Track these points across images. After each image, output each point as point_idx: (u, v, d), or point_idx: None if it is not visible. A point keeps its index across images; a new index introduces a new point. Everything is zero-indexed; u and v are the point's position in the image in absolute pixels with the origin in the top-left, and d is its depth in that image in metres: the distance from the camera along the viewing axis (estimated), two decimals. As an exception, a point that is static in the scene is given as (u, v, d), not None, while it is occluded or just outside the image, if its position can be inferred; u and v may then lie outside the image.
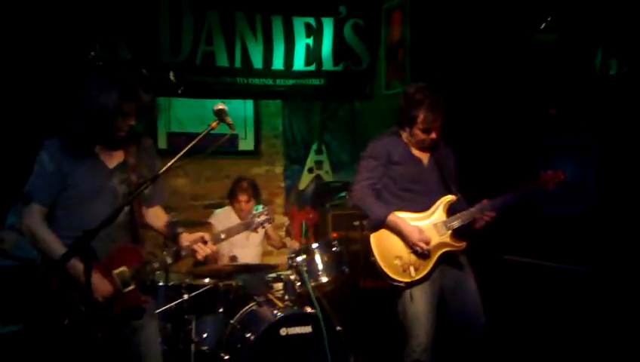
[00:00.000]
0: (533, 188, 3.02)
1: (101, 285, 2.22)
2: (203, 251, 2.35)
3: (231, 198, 4.20)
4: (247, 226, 2.52)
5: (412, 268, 2.85)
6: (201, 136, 2.21)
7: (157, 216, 2.51)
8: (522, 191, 2.96)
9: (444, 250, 2.91)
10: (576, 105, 3.56)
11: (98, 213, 2.12)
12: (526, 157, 3.79)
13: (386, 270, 2.87)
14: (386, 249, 2.90)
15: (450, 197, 2.95)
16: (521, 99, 3.83)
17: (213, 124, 2.25)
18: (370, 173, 2.98)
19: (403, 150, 2.99)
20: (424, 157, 3.02)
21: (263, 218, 2.52)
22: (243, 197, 4.10)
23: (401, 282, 2.86)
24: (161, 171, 2.21)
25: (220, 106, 2.27)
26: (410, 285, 2.87)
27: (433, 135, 2.92)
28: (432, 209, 2.95)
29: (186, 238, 2.39)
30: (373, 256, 2.90)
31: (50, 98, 3.85)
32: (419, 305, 2.86)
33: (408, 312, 2.88)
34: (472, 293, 2.96)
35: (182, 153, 2.17)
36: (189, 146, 2.18)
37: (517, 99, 3.85)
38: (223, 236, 2.46)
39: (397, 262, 2.88)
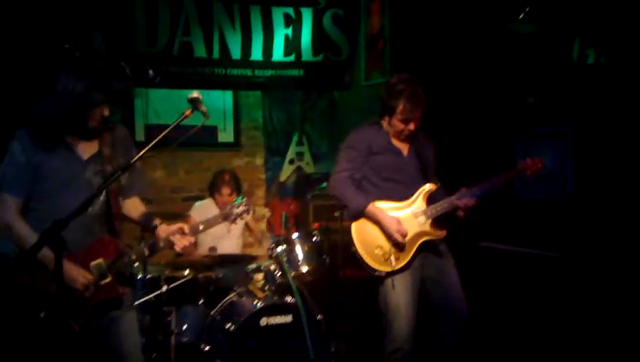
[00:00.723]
0: (511, 177, 3.05)
1: (76, 273, 2.18)
2: (181, 242, 2.32)
3: (212, 191, 4.16)
4: (226, 217, 2.50)
5: (392, 258, 2.85)
6: (174, 124, 2.17)
7: (134, 207, 2.47)
8: (501, 179, 2.98)
9: (424, 238, 2.92)
10: (554, 94, 3.59)
11: (72, 205, 2.06)
12: (505, 146, 3.81)
13: (366, 260, 2.88)
14: (366, 238, 2.91)
15: (429, 186, 2.96)
16: (500, 89, 3.86)
17: (187, 112, 2.22)
18: (349, 163, 2.98)
19: (383, 140, 3.00)
20: (404, 147, 3.02)
21: (241, 209, 2.50)
22: (225, 190, 4.06)
23: (382, 272, 2.87)
24: (134, 160, 2.16)
25: (194, 95, 2.24)
26: (391, 274, 2.87)
27: (412, 126, 2.93)
28: (412, 198, 2.96)
29: (164, 230, 2.36)
30: (354, 245, 2.91)
31: (23, 89, 3.76)
32: (400, 294, 2.87)
33: (389, 301, 2.88)
34: (454, 282, 2.98)
35: (154, 142, 2.13)
36: (162, 135, 2.14)
37: (496, 89, 3.88)
38: (201, 227, 2.43)
39: (377, 251, 2.88)
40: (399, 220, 2.87)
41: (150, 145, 2.15)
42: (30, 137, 2.22)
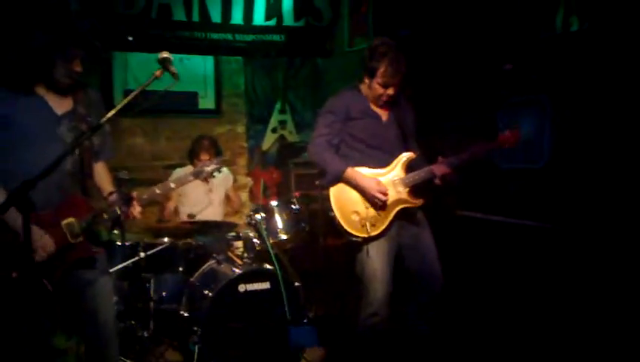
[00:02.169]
0: (490, 148, 3.05)
1: (43, 240, 2.15)
2: (131, 212, 2.31)
3: (191, 157, 4.11)
4: (197, 175, 2.49)
5: (369, 224, 2.85)
6: (144, 85, 2.13)
7: (99, 173, 2.45)
8: (479, 150, 2.98)
9: (401, 206, 2.92)
10: (536, 62, 3.56)
11: (44, 160, 2.01)
12: (486, 113, 3.80)
13: (344, 225, 2.88)
14: (344, 204, 2.90)
15: (408, 155, 2.95)
16: (483, 57, 3.82)
17: (157, 73, 2.19)
18: (327, 128, 2.95)
19: (362, 105, 2.97)
20: (383, 113, 3.00)
21: (212, 167, 2.49)
22: (204, 156, 4.01)
23: (358, 237, 2.87)
24: (106, 118, 2.12)
25: (164, 55, 2.20)
26: (368, 240, 2.88)
27: (391, 91, 2.90)
28: (391, 165, 2.95)
29: (113, 198, 2.36)
30: (332, 210, 2.90)
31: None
32: (375, 260, 2.88)
33: (365, 267, 2.90)
34: (430, 251, 3.00)
35: (123, 103, 2.10)
36: (131, 96, 2.11)
37: (478, 56, 3.85)
38: (172, 185, 2.42)
39: (354, 217, 2.88)
40: (379, 181, 2.87)
41: (119, 106, 2.12)
42: (2, 88, 2.18)
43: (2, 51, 2.21)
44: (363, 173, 2.90)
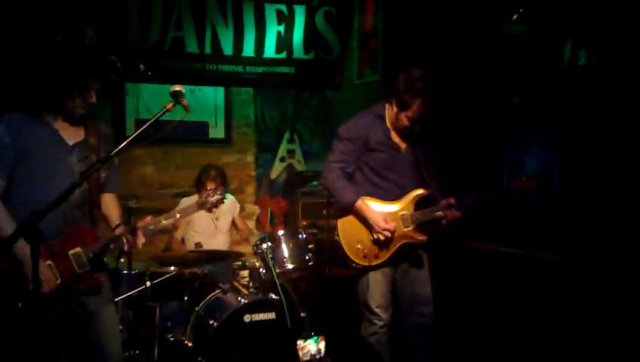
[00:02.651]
0: (503, 194, 3.01)
1: (46, 277, 2.17)
2: (133, 241, 2.33)
3: (198, 186, 4.14)
4: (202, 205, 2.51)
5: (371, 255, 2.89)
6: (155, 118, 2.18)
7: (107, 204, 2.48)
8: (491, 197, 2.96)
9: (405, 241, 2.93)
10: (544, 95, 3.59)
11: (54, 189, 2.07)
12: (495, 145, 3.82)
13: (347, 251, 2.92)
14: (350, 231, 2.94)
15: (420, 192, 2.94)
16: (492, 89, 3.86)
17: (169, 106, 2.23)
18: (343, 155, 2.95)
19: (382, 135, 2.92)
20: (403, 144, 2.96)
21: (216, 197, 2.52)
22: (210, 185, 4.04)
23: (358, 264, 2.92)
24: (114, 152, 2.16)
25: (177, 88, 2.25)
26: (367, 269, 2.93)
27: (417, 127, 2.86)
28: (402, 200, 2.95)
29: (120, 229, 2.39)
30: (337, 235, 2.95)
31: (15, 81, 3.77)
32: (375, 286, 2.93)
33: (365, 293, 2.95)
34: (421, 276, 3.01)
35: (134, 135, 2.14)
36: (142, 129, 2.15)
37: (488, 89, 3.88)
38: (177, 216, 2.44)
39: (359, 246, 2.91)
40: (386, 218, 2.87)
41: (130, 138, 2.16)
42: (16, 120, 2.25)
43: (22, 80, 2.27)
44: (372, 207, 2.90)
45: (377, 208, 2.91)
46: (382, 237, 2.85)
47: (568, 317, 3.15)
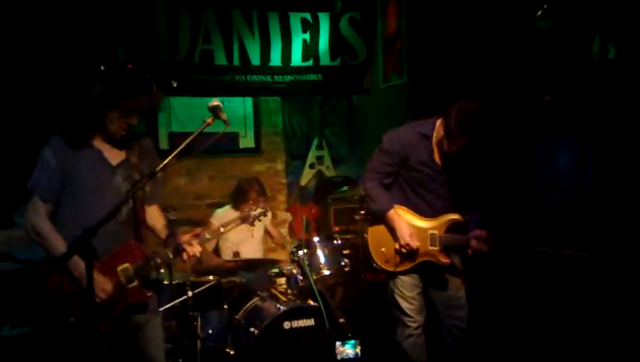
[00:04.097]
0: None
1: (102, 283, 2.25)
2: (190, 250, 2.38)
3: (239, 199, 4.10)
4: (244, 219, 2.55)
5: (393, 262, 2.96)
6: (196, 133, 2.23)
7: (153, 217, 2.54)
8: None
9: (427, 259, 2.95)
10: (575, 90, 3.55)
11: (101, 209, 2.12)
12: (526, 143, 3.79)
13: (371, 251, 2.99)
14: (378, 235, 2.99)
15: (456, 217, 2.92)
16: (521, 86, 3.83)
17: (209, 120, 2.27)
18: (381, 167, 2.96)
19: (424, 154, 2.87)
20: (446, 165, 2.89)
21: (259, 211, 2.56)
22: (254, 199, 4.00)
23: (380, 267, 2.99)
24: (159, 168, 2.22)
25: (215, 103, 2.29)
26: (391, 275, 2.99)
27: (458, 153, 2.77)
28: (437, 219, 2.94)
29: (183, 236, 2.43)
30: (366, 234, 3.04)
31: (53, 101, 3.90)
32: (404, 288, 2.97)
33: (396, 298, 2.99)
34: (452, 280, 3.01)
35: (177, 150, 2.19)
36: (185, 144, 2.20)
37: (516, 86, 3.85)
38: (222, 230, 2.49)
39: (383, 250, 2.97)
40: (412, 233, 2.89)
41: (174, 153, 2.21)
42: (62, 143, 2.30)
43: (63, 107, 2.34)
44: (403, 218, 2.93)
45: (408, 221, 2.93)
46: (403, 251, 2.89)
47: (602, 315, 3.11)
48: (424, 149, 2.87)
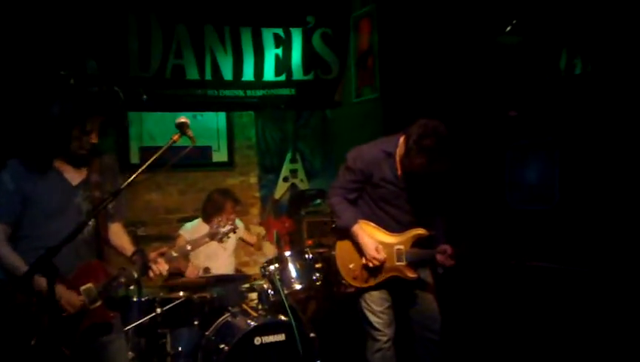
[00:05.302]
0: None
1: (68, 296, 2.21)
2: (157, 269, 2.36)
3: (211, 213, 4.04)
4: (213, 236, 2.54)
5: (361, 278, 2.96)
6: (162, 150, 2.22)
7: (117, 233, 2.51)
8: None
9: (394, 274, 2.96)
10: (542, 105, 3.63)
11: (62, 231, 2.12)
12: (494, 157, 3.85)
13: (339, 268, 3.00)
14: (346, 251, 3.00)
15: (421, 232, 2.95)
16: (489, 101, 3.90)
17: (175, 137, 2.27)
18: (346, 184, 3.00)
19: (388, 172, 2.90)
20: (410, 182, 2.92)
21: (227, 228, 2.55)
22: (233, 215, 3.99)
23: (348, 283, 2.99)
24: (123, 186, 2.21)
25: (182, 120, 2.29)
26: (360, 291, 2.99)
27: (417, 172, 2.80)
28: (402, 234, 2.96)
29: (149, 255, 2.41)
30: (334, 250, 3.04)
31: (19, 115, 3.83)
32: (373, 303, 2.98)
33: (365, 310, 2.99)
34: (426, 293, 3.03)
35: (143, 168, 2.18)
36: (150, 160, 2.19)
37: (485, 101, 3.92)
38: (189, 247, 2.47)
39: (351, 266, 2.98)
40: (379, 247, 2.91)
41: (139, 171, 2.19)
42: (20, 165, 2.28)
43: (21, 128, 2.31)
44: (369, 233, 2.94)
45: (374, 236, 2.94)
46: (370, 265, 2.90)
47: (572, 324, 3.16)
48: (387, 167, 2.90)
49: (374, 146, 2.97)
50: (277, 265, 3.46)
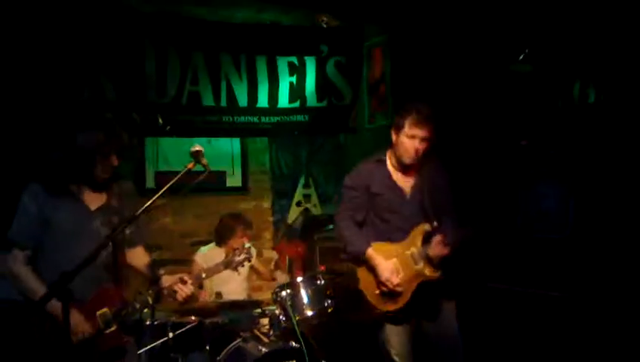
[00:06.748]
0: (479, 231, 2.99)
1: (80, 325, 2.24)
2: (183, 292, 2.39)
3: (224, 237, 4.13)
4: (228, 265, 2.56)
5: (391, 300, 2.92)
6: (177, 178, 2.27)
7: (138, 257, 2.56)
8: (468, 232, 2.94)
9: (420, 280, 2.93)
10: (555, 133, 3.64)
11: (80, 255, 2.15)
12: (507, 186, 3.85)
13: (369, 298, 2.96)
14: (368, 279, 2.97)
15: (424, 226, 2.95)
16: (501, 130, 3.92)
17: (190, 165, 2.32)
18: (349, 203, 3.04)
19: (383, 176, 2.99)
20: (407, 184, 3.00)
21: (242, 256, 2.57)
22: (240, 238, 4.04)
23: (381, 310, 2.95)
24: (139, 212, 2.26)
25: (197, 148, 2.34)
26: (392, 314, 2.95)
27: (419, 144, 2.88)
28: (409, 238, 2.97)
29: (167, 279, 2.43)
30: (359, 283, 3.00)
31: (39, 141, 3.91)
32: (392, 334, 2.97)
33: (385, 344, 2.98)
34: (450, 326, 3.00)
35: (159, 194, 2.22)
36: (166, 187, 2.24)
37: (496, 130, 3.94)
38: (204, 275, 2.50)
39: (378, 292, 2.95)
40: (393, 268, 2.90)
41: (155, 197, 2.25)
42: (41, 189, 2.33)
43: (53, 155, 2.37)
44: (382, 251, 2.93)
45: (387, 252, 2.93)
46: (385, 289, 2.89)
47: (584, 355, 3.12)
48: (381, 173, 3.01)
49: (366, 160, 3.11)
50: (289, 290, 3.46)
